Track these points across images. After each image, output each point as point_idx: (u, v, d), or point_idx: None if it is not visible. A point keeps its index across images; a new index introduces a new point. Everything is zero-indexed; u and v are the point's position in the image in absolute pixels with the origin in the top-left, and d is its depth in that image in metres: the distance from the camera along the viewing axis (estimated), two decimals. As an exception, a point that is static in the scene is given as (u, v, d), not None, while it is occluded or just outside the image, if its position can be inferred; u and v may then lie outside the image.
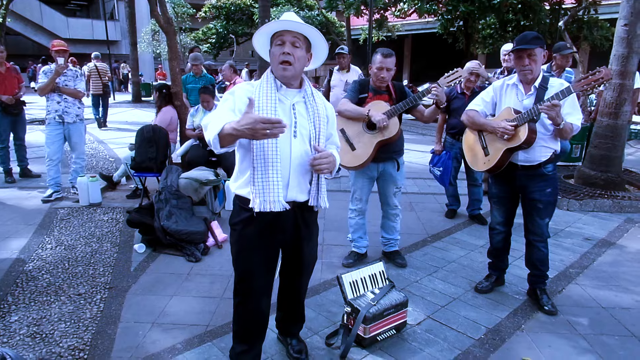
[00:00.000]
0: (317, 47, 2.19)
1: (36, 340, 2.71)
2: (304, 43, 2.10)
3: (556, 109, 2.65)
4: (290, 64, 2.05)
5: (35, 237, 4.29)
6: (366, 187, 3.69)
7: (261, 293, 2.29)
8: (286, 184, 2.11)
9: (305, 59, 2.14)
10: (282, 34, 2.06)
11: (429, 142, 9.68)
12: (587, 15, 13.11)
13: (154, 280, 3.48)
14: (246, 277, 2.24)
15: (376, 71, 3.41)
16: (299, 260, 2.37)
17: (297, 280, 2.47)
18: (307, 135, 2.14)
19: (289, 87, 2.14)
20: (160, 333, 2.79)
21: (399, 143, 3.55)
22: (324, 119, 2.20)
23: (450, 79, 3.29)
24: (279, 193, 2.05)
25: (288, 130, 2.07)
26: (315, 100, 2.20)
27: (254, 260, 2.21)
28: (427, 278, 3.56)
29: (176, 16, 20.01)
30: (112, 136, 10.18)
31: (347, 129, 3.51)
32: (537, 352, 2.64)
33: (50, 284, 3.39)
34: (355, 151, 3.45)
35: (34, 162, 6.74)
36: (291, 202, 2.14)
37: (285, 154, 2.08)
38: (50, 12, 27.64)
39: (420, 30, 22.34)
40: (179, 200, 4.29)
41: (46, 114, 5.38)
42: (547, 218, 3.08)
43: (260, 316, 2.33)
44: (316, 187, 2.21)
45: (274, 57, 2.08)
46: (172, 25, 6.79)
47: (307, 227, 2.30)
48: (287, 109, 2.11)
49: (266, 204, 2.04)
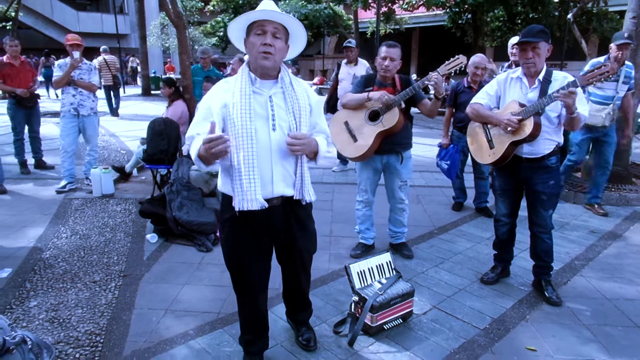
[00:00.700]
0: (296, 38, 2.14)
1: (54, 325, 2.81)
2: (284, 34, 2.05)
3: (573, 97, 2.66)
4: (272, 54, 1.98)
5: (51, 226, 4.40)
6: (371, 178, 3.74)
7: (256, 288, 2.31)
8: (270, 179, 2.07)
9: (285, 51, 2.08)
10: (263, 23, 1.99)
11: (436, 135, 9.68)
12: (597, 8, 12.98)
13: (166, 269, 3.58)
14: (239, 273, 2.26)
15: (380, 60, 3.46)
16: (294, 255, 2.36)
17: (296, 275, 2.46)
18: (287, 127, 2.07)
19: (265, 79, 2.07)
20: (173, 319, 2.88)
21: (403, 136, 3.56)
22: (304, 108, 2.13)
23: (451, 66, 3.29)
24: (257, 191, 2.00)
25: (266, 124, 2.04)
26: (294, 89, 2.12)
27: (246, 257, 2.21)
28: (433, 269, 3.62)
29: (185, 10, 20.05)
30: (123, 128, 10.30)
31: (351, 121, 3.56)
32: (541, 342, 2.70)
33: (66, 272, 3.50)
34: (357, 142, 3.51)
35: (48, 154, 6.88)
36: (279, 197, 2.12)
37: (265, 149, 2.03)
38: (61, 5, 27.78)
39: (428, 23, 22.18)
40: (190, 192, 4.38)
41: (61, 107, 5.49)
42: (550, 210, 3.12)
43: (258, 311, 2.37)
44: (300, 179, 2.16)
45: (253, 46, 2.00)
46: (182, 19, 6.87)
47: (299, 222, 2.27)
48: (264, 102, 2.05)
49: (244, 203, 2.01)
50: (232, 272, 2.29)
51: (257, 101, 2.04)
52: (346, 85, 6.14)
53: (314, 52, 30.13)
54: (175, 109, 5.82)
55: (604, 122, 4.60)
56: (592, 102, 4.66)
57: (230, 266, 2.28)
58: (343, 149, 3.65)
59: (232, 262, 2.26)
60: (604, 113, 4.61)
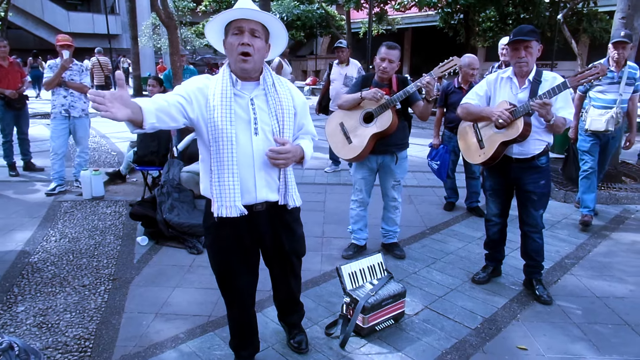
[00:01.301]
0: (276, 37, 2.06)
1: (42, 330, 2.78)
2: (263, 33, 1.96)
3: (547, 107, 2.69)
4: (250, 55, 1.90)
5: (39, 229, 4.35)
6: (367, 178, 3.74)
7: (244, 293, 2.28)
8: (253, 185, 2.01)
9: (265, 50, 2.00)
10: (240, 22, 1.90)
11: (427, 135, 9.69)
12: (587, 8, 13.08)
13: (156, 272, 3.55)
14: (225, 278, 2.23)
15: (379, 61, 3.46)
16: (282, 259, 2.33)
17: (285, 279, 2.43)
18: (270, 130, 2.00)
19: (246, 81, 1.99)
20: (164, 323, 2.85)
21: (398, 137, 3.56)
22: (288, 110, 2.05)
23: (445, 68, 3.31)
24: (235, 198, 1.95)
25: (248, 128, 1.97)
26: (277, 91, 2.04)
27: (231, 264, 2.17)
28: (425, 269, 3.62)
29: (176, 10, 19.96)
30: (114, 130, 10.22)
31: (346, 123, 3.56)
32: (532, 341, 2.70)
33: (55, 276, 3.46)
34: (352, 144, 3.51)
35: (37, 156, 6.81)
36: (263, 203, 2.07)
37: (247, 154, 1.97)
38: (51, 5, 27.57)
39: (420, 23, 22.23)
40: (180, 194, 4.35)
41: (52, 108, 5.43)
42: (541, 209, 3.13)
43: (246, 315, 2.35)
44: (284, 184, 2.10)
45: (232, 47, 1.92)
46: (173, 20, 6.84)
47: (286, 226, 2.22)
48: (246, 105, 1.98)
49: (223, 209, 1.95)
50: (218, 277, 2.26)
51: (238, 104, 1.97)
52: (338, 86, 6.14)
53: (306, 52, 30.13)
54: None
55: (607, 126, 4.33)
56: (594, 107, 4.42)
57: (216, 271, 2.25)
58: (338, 150, 3.65)
59: (217, 267, 2.23)
60: (605, 118, 4.36)
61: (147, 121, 1.73)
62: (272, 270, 2.43)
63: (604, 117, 4.34)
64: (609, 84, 4.35)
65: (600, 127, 4.36)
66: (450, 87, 4.71)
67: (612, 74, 4.29)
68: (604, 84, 4.35)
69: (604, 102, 4.38)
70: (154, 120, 1.77)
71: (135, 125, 1.74)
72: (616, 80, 4.31)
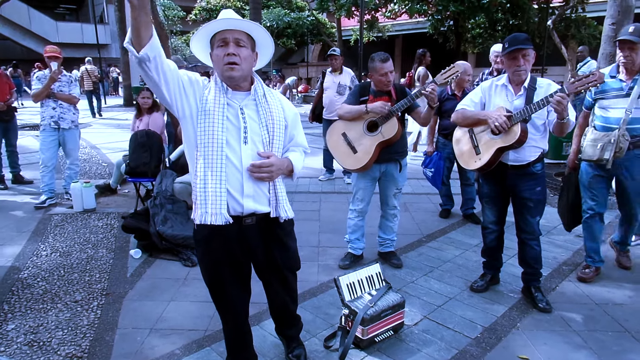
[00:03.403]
0: (262, 45, 2.06)
1: (34, 348, 2.70)
2: (249, 42, 1.96)
3: (565, 102, 2.64)
4: (237, 64, 1.90)
5: (29, 244, 4.27)
6: (369, 188, 3.71)
7: (237, 306, 2.24)
8: (240, 194, 1.97)
9: (252, 58, 2.00)
10: (223, 33, 1.90)
11: (422, 143, 9.73)
12: (575, 14, 13.26)
13: (150, 285, 3.48)
14: (217, 292, 2.19)
15: (381, 78, 3.42)
16: (276, 274, 2.30)
17: (278, 293, 2.38)
18: (260, 140, 2.00)
19: (237, 90, 1.99)
20: (159, 339, 2.79)
21: (401, 144, 3.58)
22: (279, 121, 2.05)
23: (447, 75, 3.31)
24: (221, 205, 1.91)
25: (237, 136, 1.96)
26: (267, 101, 2.04)
27: (223, 277, 2.13)
28: (423, 278, 3.59)
29: (167, 19, 19.94)
30: (105, 141, 10.14)
31: (349, 133, 3.54)
32: (533, 350, 2.68)
33: (46, 292, 3.38)
34: (357, 154, 3.48)
35: (26, 168, 6.71)
36: (252, 216, 2.04)
37: (235, 162, 1.95)
38: (39, 16, 27.40)
39: (410, 30, 22.42)
40: (174, 205, 4.29)
41: (41, 120, 5.35)
42: (538, 216, 3.12)
43: (240, 328, 2.31)
44: (274, 195, 2.07)
45: (218, 59, 1.92)
46: (163, 30, 6.81)
47: (278, 241, 2.19)
48: (235, 114, 1.97)
49: (207, 216, 1.92)
50: (210, 290, 2.22)
51: (230, 112, 1.96)
52: (331, 94, 6.12)
53: (297, 60, 30.22)
54: (156, 121, 5.65)
55: (602, 154, 3.24)
56: (595, 127, 3.38)
57: (207, 284, 2.21)
58: (343, 161, 3.62)
59: (209, 280, 2.19)
60: (602, 142, 3.25)
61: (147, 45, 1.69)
62: (266, 284, 2.39)
63: (600, 141, 3.27)
64: (614, 97, 3.27)
65: (593, 155, 3.30)
66: (444, 94, 4.71)
67: (619, 84, 3.24)
68: (609, 97, 3.30)
69: (606, 121, 3.30)
70: (154, 53, 1.72)
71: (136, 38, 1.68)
72: (625, 92, 3.23)
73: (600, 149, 3.25)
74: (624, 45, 3.19)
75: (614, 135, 3.21)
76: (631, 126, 3.21)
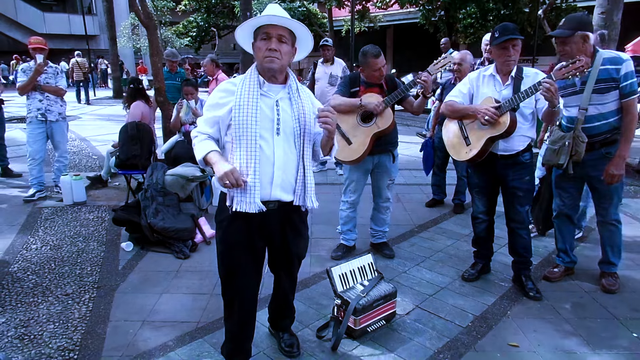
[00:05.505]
0: (302, 41, 2.16)
1: (25, 342, 2.68)
2: (290, 38, 2.07)
3: (553, 89, 2.64)
4: (278, 58, 2.02)
5: (19, 237, 4.22)
6: (362, 179, 3.71)
7: (248, 292, 2.27)
8: (270, 182, 2.07)
9: (291, 54, 2.11)
10: (268, 28, 2.01)
11: (413, 133, 9.76)
12: (566, 4, 13.30)
13: (142, 278, 3.47)
14: (232, 275, 2.22)
15: (375, 73, 3.43)
16: (285, 260, 2.37)
17: (283, 279, 2.46)
18: (292, 132, 2.10)
19: (273, 83, 2.10)
20: (151, 331, 2.78)
21: (394, 135, 3.58)
22: (310, 115, 2.15)
23: (440, 65, 3.33)
24: (256, 195, 2.02)
25: (271, 128, 2.06)
26: (300, 96, 2.15)
27: (240, 259, 2.19)
28: (415, 268, 3.61)
29: (156, 10, 19.67)
30: (94, 133, 10.03)
31: (342, 124, 3.52)
32: (523, 337, 2.71)
33: (36, 285, 3.35)
34: (352, 145, 3.46)
35: (15, 161, 6.63)
36: (276, 202, 2.11)
37: (268, 152, 2.05)
38: (25, 6, 26.92)
39: (402, 20, 22.34)
40: (165, 198, 4.26)
41: (27, 113, 5.27)
42: (527, 205, 3.15)
43: (248, 316, 2.33)
44: (302, 185, 2.15)
45: (259, 50, 2.04)
46: (152, 20, 6.70)
47: (294, 228, 2.27)
48: (271, 106, 2.07)
49: (242, 205, 2.02)
50: (226, 273, 2.24)
51: (264, 103, 2.06)
52: (323, 85, 6.10)
53: (288, 51, 29.96)
54: (134, 111, 5.57)
55: (558, 159, 3.09)
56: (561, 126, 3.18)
57: (223, 267, 2.23)
58: (337, 153, 3.60)
59: (225, 262, 2.22)
60: (556, 147, 3.10)
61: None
62: (277, 273, 2.45)
63: (558, 143, 3.10)
64: (570, 95, 3.04)
65: (550, 160, 3.18)
66: (447, 83, 4.74)
67: (572, 79, 2.81)
68: (566, 94, 3.05)
69: (568, 120, 3.10)
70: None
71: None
72: (578, 87, 2.99)
73: (555, 153, 3.11)
74: (557, 42, 3.00)
75: (569, 138, 3.02)
76: (590, 125, 2.97)
